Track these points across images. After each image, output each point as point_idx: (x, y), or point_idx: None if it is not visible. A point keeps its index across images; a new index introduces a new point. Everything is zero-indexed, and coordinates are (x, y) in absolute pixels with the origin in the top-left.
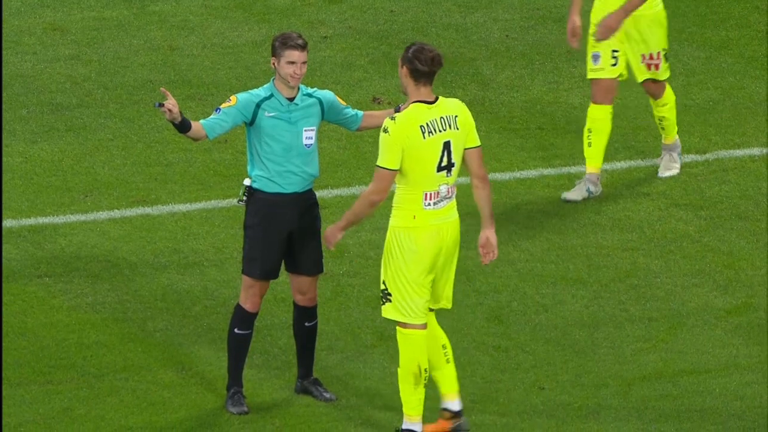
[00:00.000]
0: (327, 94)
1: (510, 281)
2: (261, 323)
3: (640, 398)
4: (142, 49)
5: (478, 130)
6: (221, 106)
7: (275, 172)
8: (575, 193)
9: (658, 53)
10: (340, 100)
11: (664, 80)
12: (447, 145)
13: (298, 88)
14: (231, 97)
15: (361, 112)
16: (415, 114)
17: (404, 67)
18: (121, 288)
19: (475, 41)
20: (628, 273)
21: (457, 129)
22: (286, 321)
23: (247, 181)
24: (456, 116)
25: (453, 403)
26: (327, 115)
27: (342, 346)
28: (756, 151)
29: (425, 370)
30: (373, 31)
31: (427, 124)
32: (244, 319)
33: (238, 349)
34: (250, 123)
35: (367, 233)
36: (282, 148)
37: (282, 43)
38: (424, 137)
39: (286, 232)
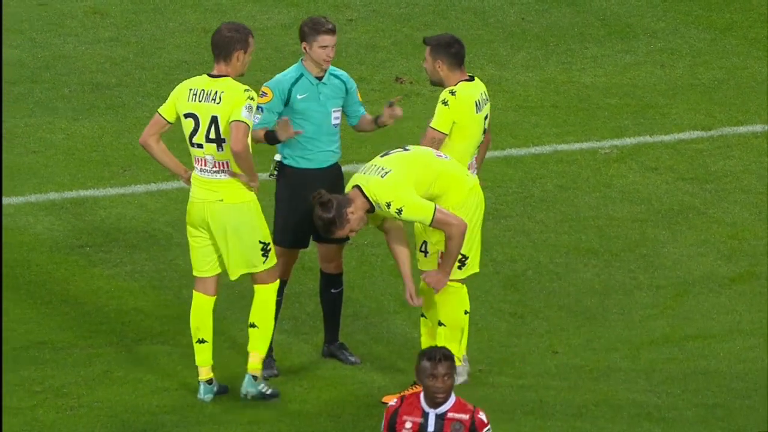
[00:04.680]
0: (350, 79)
1: (525, 251)
2: (290, 290)
3: (649, 361)
4: (178, 31)
5: (495, 108)
6: (260, 103)
7: (306, 150)
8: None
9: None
10: (359, 94)
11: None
12: None
13: (326, 67)
14: (266, 91)
15: (363, 113)
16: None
17: None
18: (157, 257)
19: (492, 24)
20: (638, 243)
21: None
22: (314, 289)
23: (277, 157)
24: None
25: None
26: (346, 98)
27: (366, 313)
28: (758, 127)
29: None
30: (396, 14)
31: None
32: None
33: None
34: (284, 105)
35: None
36: (313, 128)
37: (313, 29)
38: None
39: None
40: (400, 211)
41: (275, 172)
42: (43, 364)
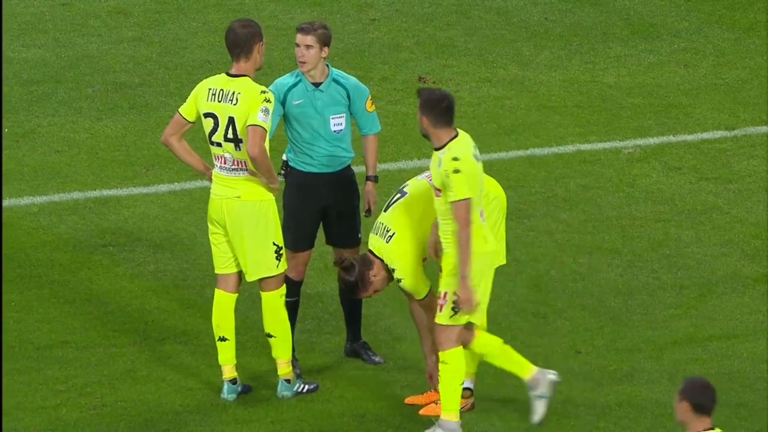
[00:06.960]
0: (358, 88)
1: (548, 251)
2: (312, 290)
3: (672, 362)
4: (201, 31)
5: (518, 108)
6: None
7: (306, 156)
8: (539, 414)
9: (445, 294)
10: (369, 105)
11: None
12: None
13: (328, 74)
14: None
15: (373, 132)
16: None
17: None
18: (180, 257)
19: (515, 23)
20: (661, 243)
21: None
22: (336, 288)
23: (284, 156)
24: None
25: (470, 382)
26: (351, 106)
27: (389, 313)
28: None
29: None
30: (419, 13)
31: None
32: (289, 286)
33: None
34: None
35: None
36: (309, 135)
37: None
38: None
39: (319, 207)
40: (399, 281)
41: (282, 171)
42: (66, 363)
